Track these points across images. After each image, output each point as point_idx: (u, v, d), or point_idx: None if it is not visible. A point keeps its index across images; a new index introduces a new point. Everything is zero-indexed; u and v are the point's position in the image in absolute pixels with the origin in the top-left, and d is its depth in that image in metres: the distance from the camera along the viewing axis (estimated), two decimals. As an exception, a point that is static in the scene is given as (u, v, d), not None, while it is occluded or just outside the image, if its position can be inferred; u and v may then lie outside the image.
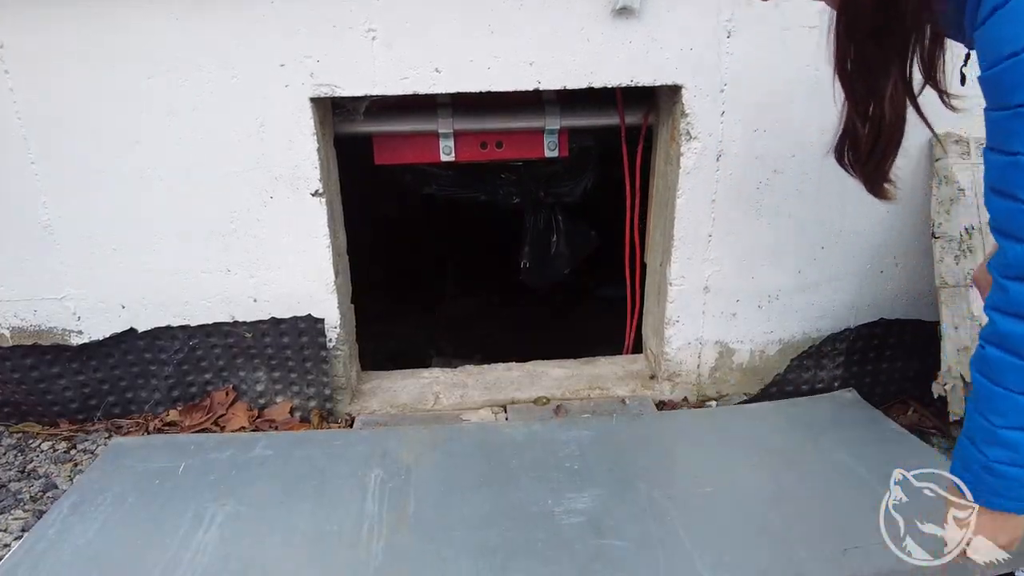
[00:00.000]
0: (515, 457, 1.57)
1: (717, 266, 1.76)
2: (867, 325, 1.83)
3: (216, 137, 1.54)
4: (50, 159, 1.53)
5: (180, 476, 1.48)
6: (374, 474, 1.51)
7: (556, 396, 1.88)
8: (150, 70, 1.48)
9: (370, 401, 1.87)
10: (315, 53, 1.50)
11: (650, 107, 1.82)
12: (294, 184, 1.60)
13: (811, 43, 1.56)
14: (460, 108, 1.80)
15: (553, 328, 3.02)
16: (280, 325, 1.70)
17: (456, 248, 3.32)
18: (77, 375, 1.71)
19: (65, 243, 1.60)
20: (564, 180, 2.20)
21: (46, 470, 1.59)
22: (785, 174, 1.68)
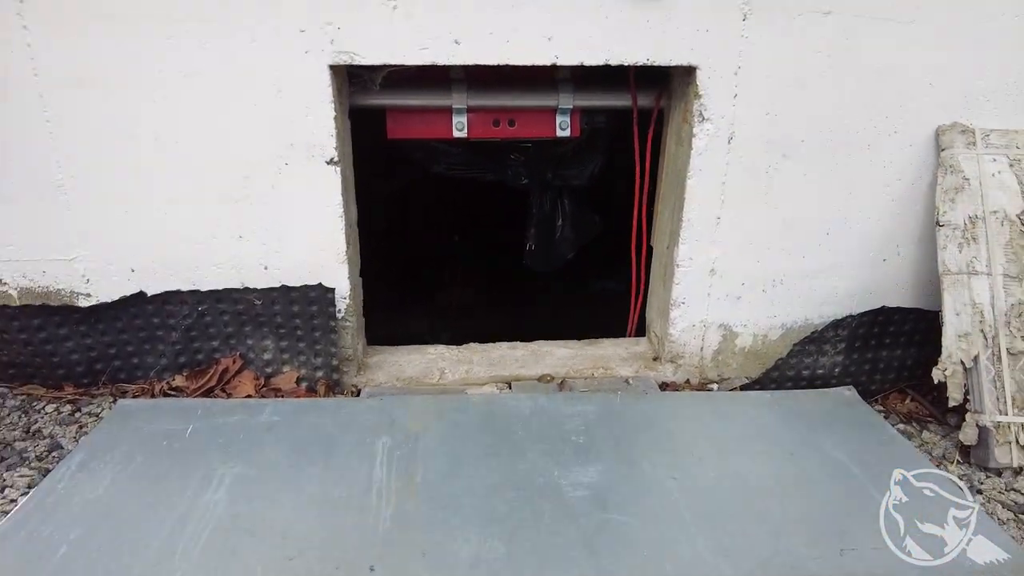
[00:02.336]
0: (521, 429, 1.59)
1: (724, 249, 1.78)
2: (869, 312, 1.86)
3: (233, 101, 1.54)
4: (65, 118, 1.53)
5: (188, 438, 1.48)
6: (382, 442, 1.52)
7: (560, 374, 1.89)
8: (170, 30, 1.47)
9: (376, 374, 1.87)
10: (336, 20, 1.50)
11: (662, 90, 1.84)
12: (309, 152, 1.60)
13: (825, 29, 1.59)
14: (474, 84, 1.81)
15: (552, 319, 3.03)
16: (291, 293, 1.70)
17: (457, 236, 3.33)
18: (84, 338, 1.70)
19: (77, 204, 1.60)
20: (572, 163, 2.21)
21: (51, 431, 1.59)
22: (794, 159, 1.70)
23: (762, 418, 1.68)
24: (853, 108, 1.67)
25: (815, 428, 1.63)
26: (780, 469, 1.47)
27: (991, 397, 1.58)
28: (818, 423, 1.65)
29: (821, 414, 1.70)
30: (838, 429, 1.62)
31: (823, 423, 1.65)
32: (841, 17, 1.58)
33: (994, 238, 1.62)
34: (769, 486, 1.41)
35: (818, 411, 1.72)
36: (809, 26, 1.59)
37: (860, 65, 1.63)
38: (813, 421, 1.66)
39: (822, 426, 1.64)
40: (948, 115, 1.69)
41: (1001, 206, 1.64)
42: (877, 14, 1.59)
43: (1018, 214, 1.63)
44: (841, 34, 1.59)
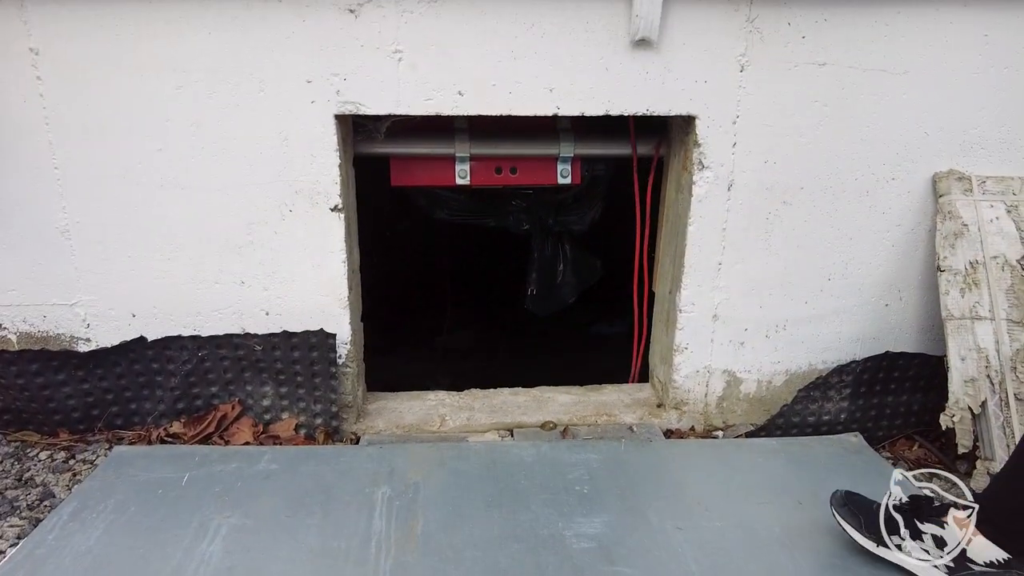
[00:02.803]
0: (524, 478, 1.56)
1: (726, 294, 1.78)
2: (873, 358, 1.85)
3: (239, 149, 1.57)
4: (74, 164, 1.55)
5: (184, 487, 1.45)
6: (381, 491, 1.48)
7: (563, 421, 1.87)
8: (180, 80, 1.51)
9: (376, 421, 1.85)
10: (342, 71, 1.54)
11: (661, 138, 1.87)
12: (313, 199, 1.62)
13: (820, 80, 1.63)
14: (476, 133, 1.84)
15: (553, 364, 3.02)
16: (292, 339, 1.69)
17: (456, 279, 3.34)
18: (82, 383, 1.68)
19: (81, 248, 1.60)
20: (573, 209, 2.23)
21: (44, 479, 1.55)
22: (794, 205, 1.72)
23: (768, 466, 1.65)
24: (851, 156, 1.69)
25: (822, 476, 1.59)
26: (788, 519, 1.43)
27: (1001, 444, 1.55)
28: (825, 470, 1.62)
29: (828, 461, 1.67)
30: (846, 476, 1.59)
31: (830, 470, 1.62)
32: (836, 68, 1.62)
33: (996, 283, 1.62)
34: (777, 536, 1.37)
35: (825, 458, 1.69)
36: (805, 77, 1.62)
37: (856, 114, 1.66)
38: (820, 468, 1.63)
39: (829, 473, 1.60)
40: (944, 162, 1.72)
41: (1001, 251, 1.65)
42: (870, 66, 1.63)
43: (1018, 259, 1.64)
44: (836, 84, 1.63)
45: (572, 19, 1.54)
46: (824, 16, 1.58)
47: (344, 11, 1.49)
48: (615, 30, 1.56)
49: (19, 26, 1.45)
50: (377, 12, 1.50)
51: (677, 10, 1.54)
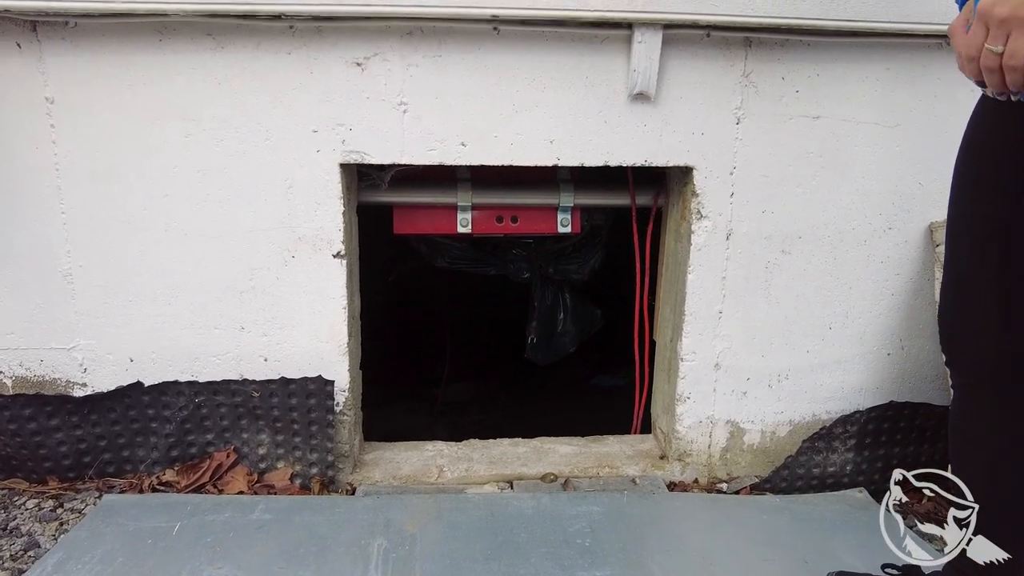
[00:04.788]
0: (524, 531, 1.51)
1: (728, 343, 1.77)
2: (877, 408, 1.83)
3: (244, 196, 1.59)
4: (80, 209, 1.57)
5: (174, 537, 1.41)
6: (377, 543, 1.44)
7: (564, 473, 1.83)
8: (188, 128, 1.54)
9: (372, 471, 1.81)
10: (348, 121, 1.57)
11: (660, 188, 1.91)
12: (316, 245, 1.63)
13: (816, 132, 1.67)
14: (478, 183, 1.87)
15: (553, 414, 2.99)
16: (289, 385, 1.68)
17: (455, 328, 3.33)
18: (75, 429, 1.66)
19: (83, 292, 1.61)
20: (573, 258, 2.25)
21: (29, 528, 1.51)
22: (793, 255, 1.73)
23: (773, 522, 1.61)
24: (847, 206, 1.72)
25: (828, 533, 1.56)
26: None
27: (1012, 498, 1.51)
28: (831, 528, 1.58)
29: (834, 518, 1.63)
30: (852, 534, 1.55)
31: (836, 527, 1.58)
32: (830, 121, 1.66)
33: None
34: (786, 595, 1.33)
35: (831, 515, 1.65)
36: (800, 129, 1.66)
37: (850, 165, 1.70)
38: (826, 525, 1.59)
39: (835, 531, 1.57)
40: (939, 212, 1.74)
41: (1001, 301, 1.65)
42: (863, 119, 1.67)
43: None
44: (830, 137, 1.67)
45: (572, 74, 1.59)
46: (816, 71, 1.63)
47: (351, 64, 1.54)
48: (614, 84, 1.60)
49: (37, 76, 1.49)
50: (383, 66, 1.55)
51: (674, 65, 1.59)
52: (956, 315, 1.13)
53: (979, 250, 1.05)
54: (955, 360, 1.16)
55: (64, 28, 1.47)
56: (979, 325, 1.08)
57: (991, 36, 0.84)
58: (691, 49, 1.59)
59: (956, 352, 1.15)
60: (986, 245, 1.04)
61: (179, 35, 1.49)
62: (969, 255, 1.08)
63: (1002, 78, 0.86)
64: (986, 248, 1.04)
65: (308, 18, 1.47)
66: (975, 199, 1.06)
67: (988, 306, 1.05)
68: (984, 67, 0.87)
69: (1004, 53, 0.84)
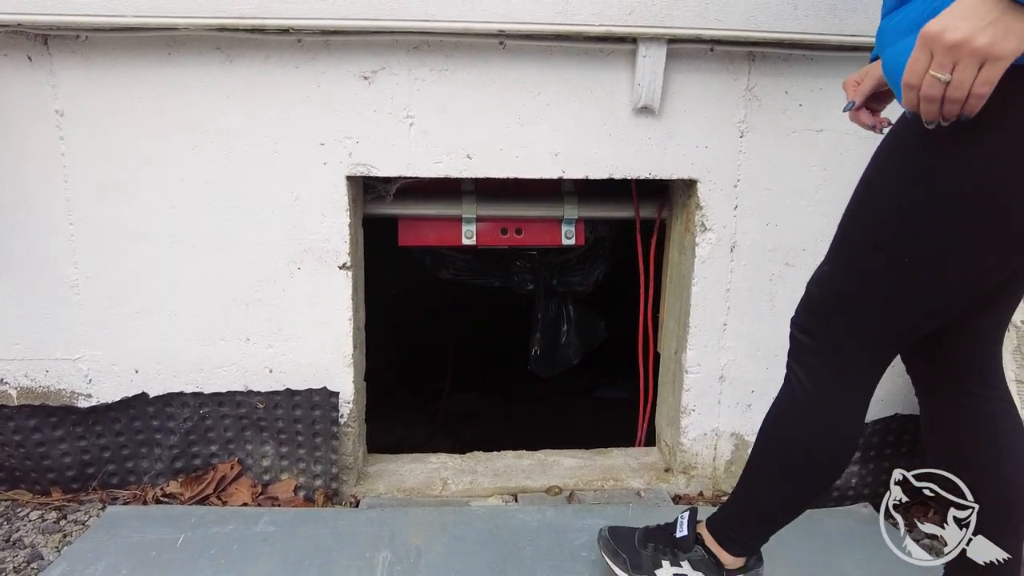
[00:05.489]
0: (529, 544, 1.51)
1: (732, 355, 1.77)
2: (881, 421, 1.82)
3: (251, 208, 1.60)
4: (88, 221, 1.58)
5: (178, 549, 1.41)
6: (382, 556, 1.44)
7: (568, 486, 1.82)
8: (196, 140, 1.56)
9: (376, 484, 1.80)
10: (355, 134, 1.58)
11: (664, 201, 1.91)
12: (322, 257, 1.64)
13: (819, 145, 1.67)
14: (483, 195, 1.88)
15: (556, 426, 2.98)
16: (294, 397, 1.68)
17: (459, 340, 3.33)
18: (79, 440, 1.66)
19: (89, 303, 1.61)
20: (577, 270, 2.26)
21: (32, 540, 1.50)
22: (797, 267, 1.74)
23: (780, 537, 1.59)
24: (850, 219, 1.72)
25: (835, 549, 1.55)
26: (803, 590, 1.38)
27: (1019, 511, 1.51)
28: (837, 543, 1.57)
29: (839, 533, 1.62)
30: (859, 549, 1.54)
31: (842, 543, 1.58)
32: (833, 134, 1.67)
33: (1004, 344, 1.61)
34: (794, 610, 1.32)
35: (836, 530, 1.64)
36: (803, 142, 1.67)
37: (853, 178, 1.66)
38: (831, 541, 1.59)
39: (842, 546, 1.56)
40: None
41: (1005, 314, 1.65)
42: (866, 132, 1.67)
43: (1022, 320, 1.64)
44: (834, 149, 1.68)
45: (577, 88, 1.61)
46: (820, 85, 1.64)
47: (359, 78, 1.55)
48: (618, 98, 1.62)
49: (48, 90, 1.51)
50: (390, 79, 1.56)
51: (678, 79, 1.61)
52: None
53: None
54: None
55: (75, 41, 1.48)
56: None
57: (936, 63, 0.78)
58: (695, 63, 1.60)
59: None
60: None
61: (188, 48, 1.51)
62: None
63: (940, 107, 0.81)
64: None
65: (316, 32, 1.49)
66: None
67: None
68: (924, 96, 0.81)
69: (950, 83, 0.78)
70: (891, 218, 0.98)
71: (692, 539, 1.26)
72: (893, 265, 0.98)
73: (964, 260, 0.94)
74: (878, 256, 1.00)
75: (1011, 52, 0.76)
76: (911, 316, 1.01)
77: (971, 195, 0.90)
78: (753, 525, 1.24)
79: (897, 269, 0.97)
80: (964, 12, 0.76)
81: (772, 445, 1.19)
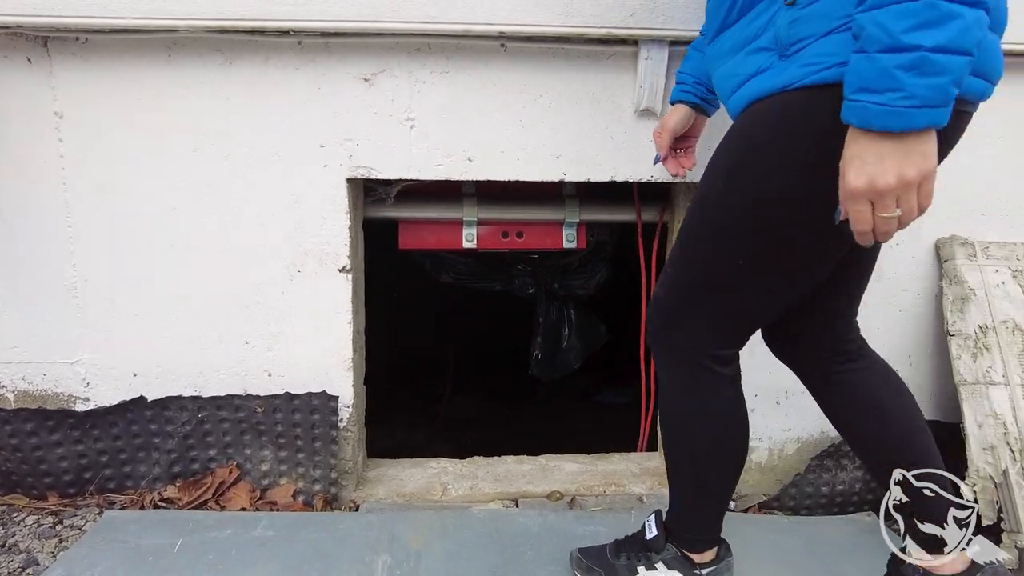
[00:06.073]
0: (530, 549, 1.49)
1: (734, 359, 1.76)
2: (886, 425, 1.81)
3: (250, 210, 1.59)
4: (87, 223, 1.57)
5: (176, 554, 1.39)
6: (381, 560, 1.42)
7: (570, 491, 1.81)
8: (195, 143, 1.55)
9: (376, 489, 1.79)
10: (355, 137, 1.58)
11: (665, 204, 1.91)
12: (322, 260, 1.63)
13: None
14: (484, 197, 1.87)
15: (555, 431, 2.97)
16: (293, 401, 1.67)
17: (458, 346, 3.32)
18: (76, 444, 1.64)
19: (87, 306, 1.60)
20: (578, 273, 2.25)
21: (28, 545, 1.49)
22: (799, 270, 1.73)
23: (783, 545, 1.59)
24: (853, 222, 1.71)
25: (839, 557, 1.54)
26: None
27: (1026, 516, 1.50)
28: (840, 551, 1.56)
29: (843, 541, 1.61)
30: (864, 558, 1.52)
31: (846, 551, 1.56)
32: (835, 138, 1.66)
33: (1007, 348, 1.61)
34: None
35: (840, 538, 1.63)
36: (804, 146, 1.66)
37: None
38: (835, 549, 1.57)
39: (845, 554, 1.55)
40: (945, 228, 1.74)
41: (1010, 316, 1.64)
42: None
43: (1028, 324, 1.63)
44: (836, 153, 1.67)
45: (579, 90, 1.60)
46: (821, 88, 1.63)
47: (359, 80, 1.55)
48: (620, 100, 1.61)
49: (47, 91, 1.50)
50: (391, 81, 1.56)
51: (680, 81, 1.60)
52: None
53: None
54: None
55: (75, 44, 1.48)
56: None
57: (881, 206, 0.86)
58: (697, 65, 1.60)
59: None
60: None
61: (188, 51, 1.50)
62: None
63: (892, 232, 0.91)
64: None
65: (316, 34, 1.48)
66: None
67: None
68: (882, 233, 0.89)
69: (902, 214, 0.87)
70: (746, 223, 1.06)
71: (663, 538, 1.30)
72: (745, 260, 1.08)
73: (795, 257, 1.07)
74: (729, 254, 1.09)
75: (935, 164, 0.86)
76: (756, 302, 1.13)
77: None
78: (699, 517, 1.29)
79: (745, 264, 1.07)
80: (877, 157, 0.84)
81: (677, 446, 1.27)
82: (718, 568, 1.29)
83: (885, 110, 0.81)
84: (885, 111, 0.81)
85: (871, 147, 0.84)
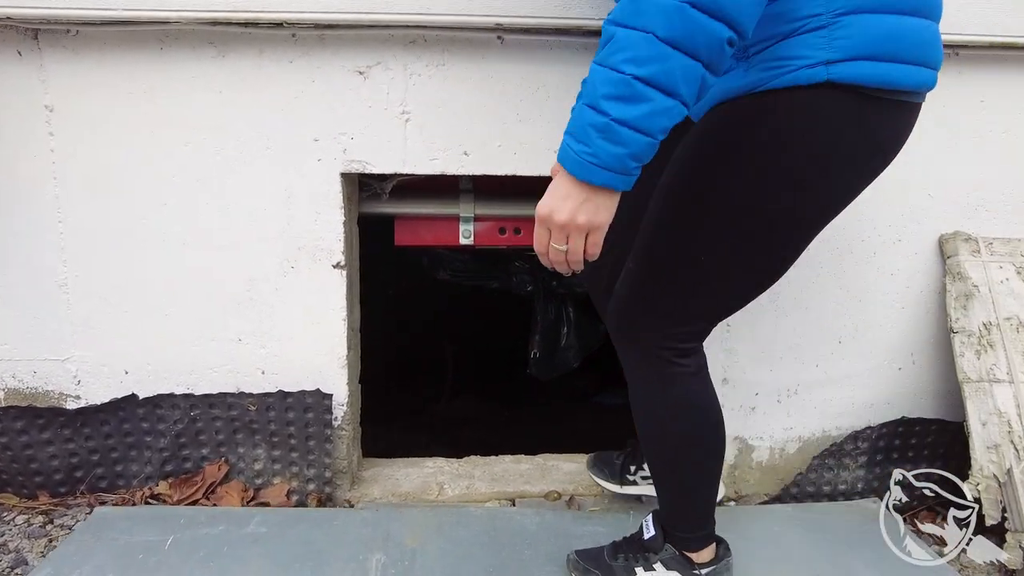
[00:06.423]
0: (528, 548, 1.47)
1: (735, 357, 1.74)
2: (888, 424, 1.78)
3: (243, 205, 1.57)
4: (77, 218, 1.55)
5: (167, 551, 1.37)
6: (376, 558, 1.40)
7: (568, 491, 1.78)
8: (187, 137, 1.53)
9: (371, 488, 1.77)
10: (349, 130, 1.56)
11: (665, 201, 1.88)
12: (316, 256, 1.61)
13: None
14: (481, 193, 1.85)
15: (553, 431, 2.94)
16: (287, 399, 1.64)
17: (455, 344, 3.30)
18: (67, 443, 1.62)
19: (78, 303, 1.58)
20: (577, 272, 2.22)
21: (17, 545, 1.47)
22: (801, 267, 1.69)
23: (785, 535, 1.56)
24: (856, 216, 1.69)
25: (843, 546, 1.51)
26: (809, 593, 1.35)
27: (1031, 515, 1.47)
28: (844, 540, 1.53)
29: (848, 529, 1.58)
30: (868, 547, 1.50)
31: (851, 540, 1.53)
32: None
33: (1011, 345, 1.58)
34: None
35: (844, 526, 1.60)
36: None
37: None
38: (839, 538, 1.54)
39: (850, 544, 1.52)
40: (949, 224, 1.72)
41: (1014, 313, 1.62)
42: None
43: (1033, 320, 1.61)
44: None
45: (578, 83, 1.57)
46: (822, 82, 1.61)
47: (353, 73, 1.53)
48: (618, 93, 1.59)
49: (37, 84, 1.48)
50: (386, 75, 1.54)
51: (678, 75, 1.58)
52: None
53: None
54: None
55: (65, 36, 1.46)
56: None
57: (554, 237, 0.96)
58: (696, 58, 1.58)
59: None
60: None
61: (180, 43, 1.48)
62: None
63: (567, 267, 1.00)
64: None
65: (310, 26, 1.47)
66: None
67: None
68: (552, 261, 0.99)
69: (568, 251, 0.96)
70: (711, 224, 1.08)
71: (661, 538, 1.29)
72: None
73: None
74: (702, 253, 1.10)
75: (605, 221, 0.94)
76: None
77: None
78: (687, 515, 1.28)
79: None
80: (563, 195, 0.93)
81: (651, 441, 1.27)
82: (717, 568, 1.27)
83: (575, 158, 0.90)
84: (574, 158, 0.90)
85: (563, 183, 0.93)
